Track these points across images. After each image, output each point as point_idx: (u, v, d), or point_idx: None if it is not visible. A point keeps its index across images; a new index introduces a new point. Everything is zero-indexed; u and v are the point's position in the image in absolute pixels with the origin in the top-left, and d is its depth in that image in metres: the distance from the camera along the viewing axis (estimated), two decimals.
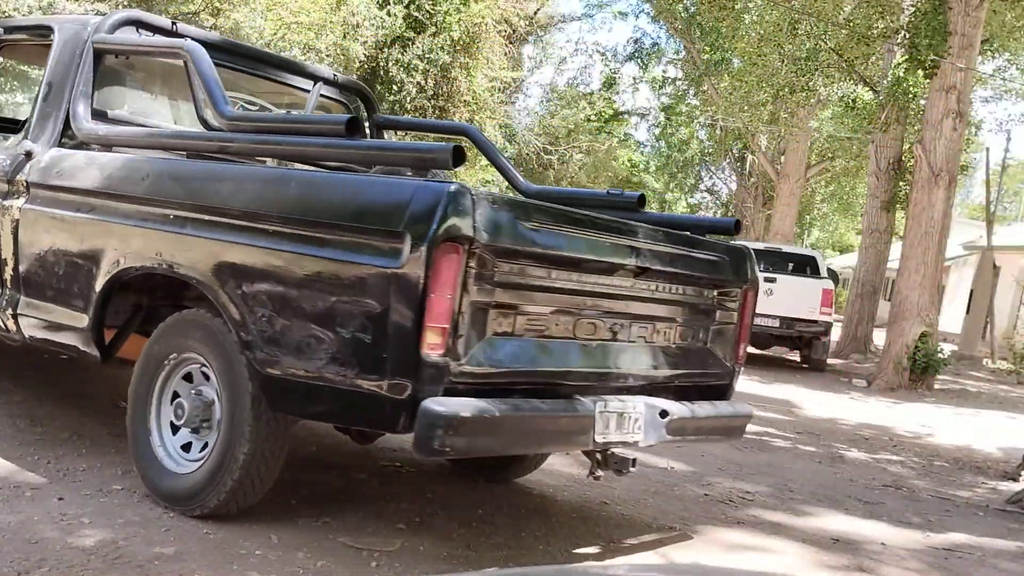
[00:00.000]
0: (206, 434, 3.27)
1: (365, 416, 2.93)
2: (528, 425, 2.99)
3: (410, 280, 2.69)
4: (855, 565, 3.91)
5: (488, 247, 2.79)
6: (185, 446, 3.35)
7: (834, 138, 20.13)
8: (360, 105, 5.26)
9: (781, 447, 6.65)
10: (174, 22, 4.26)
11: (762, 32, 15.42)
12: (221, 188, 3.28)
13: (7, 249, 3.88)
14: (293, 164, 4.29)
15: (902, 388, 11.36)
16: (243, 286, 3.04)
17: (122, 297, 3.62)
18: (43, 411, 4.46)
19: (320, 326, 2.86)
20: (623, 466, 3.39)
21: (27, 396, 4.69)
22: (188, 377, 3.36)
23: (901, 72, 13.15)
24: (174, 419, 3.34)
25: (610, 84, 34.12)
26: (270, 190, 3.19)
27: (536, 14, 27.37)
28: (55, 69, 3.96)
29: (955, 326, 20.75)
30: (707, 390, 3.84)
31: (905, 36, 12.77)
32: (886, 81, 14.43)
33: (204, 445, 3.27)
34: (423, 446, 2.71)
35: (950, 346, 16.37)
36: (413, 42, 18.32)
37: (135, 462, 3.44)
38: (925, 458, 6.96)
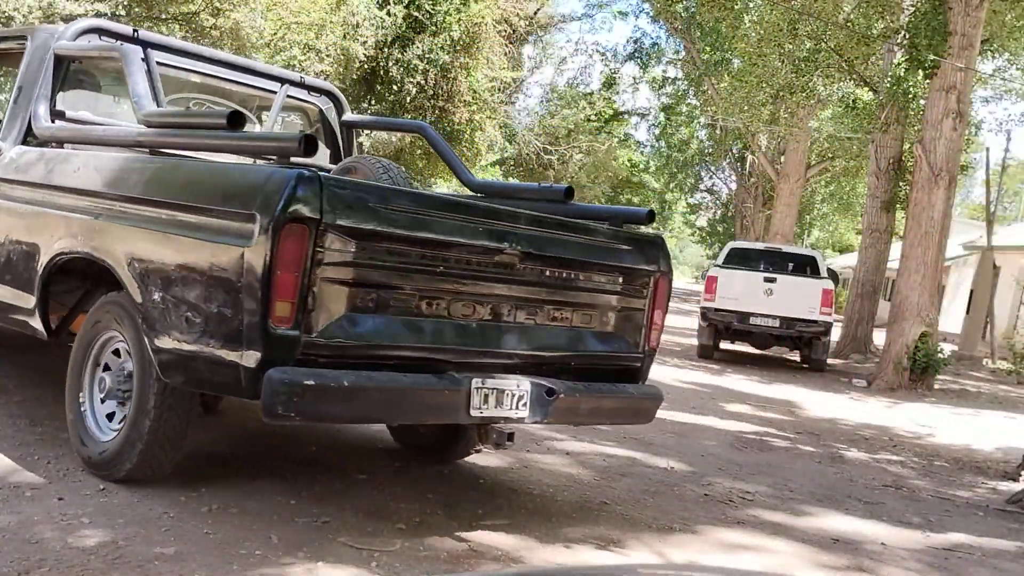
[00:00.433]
0: (126, 405, 3.51)
1: (227, 384, 3.11)
2: (384, 396, 3.14)
3: (260, 258, 2.91)
4: (855, 565, 3.91)
5: (338, 228, 2.99)
6: (110, 416, 3.61)
7: (834, 138, 20.13)
8: (331, 105, 5.49)
9: (781, 447, 6.65)
10: (136, 30, 4.53)
11: (762, 32, 15.41)
12: (120, 178, 3.59)
13: None
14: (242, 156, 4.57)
15: (902, 388, 11.35)
16: (140, 267, 3.32)
17: (66, 280, 3.90)
18: (43, 411, 4.46)
19: (195, 302, 3.12)
20: (500, 440, 3.49)
21: (27, 396, 4.70)
22: (118, 353, 3.60)
23: (901, 72, 13.15)
24: (99, 391, 3.61)
25: (610, 84, 34.12)
26: (154, 178, 3.48)
27: (536, 14, 27.38)
28: (24, 74, 4.29)
29: (955, 326, 20.75)
30: (616, 373, 3.98)
31: (905, 36, 12.77)
32: (886, 81, 14.42)
33: (124, 416, 3.51)
34: (268, 411, 2.93)
35: (950, 346, 16.37)
36: (413, 42, 18.32)
37: (69, 429, 3.68)
38: (925, 458, 6.95)
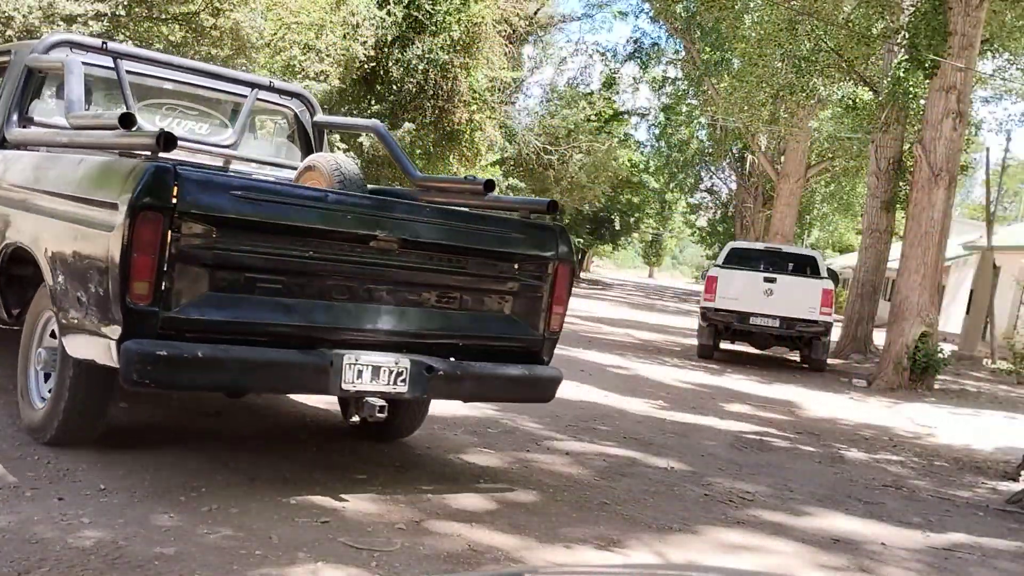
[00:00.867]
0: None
1: (102, 355, 3.41)
2: (244, 368, 3.42)
3: (119, 242, 3.23)
4: (855, 565, 3.91)
5: (194, 215, 3.30)
6: (50, 389, 3.96)
7: (834, 138, 20.12)
8: (304, 108, 5.74)
9: (781, 447, 6.65)
10: (104, 43, 4.93)
11: (762, 32, 15.40)
12: (37, 175, 4.09)
13: None
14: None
15: (902, 388, 11.35)
16: (49, 254, 3.69)
17: (23, 269, 4.18)
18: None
19: (81, 284, 3.45)
20: (370, 412, 3.67)
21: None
22: (54, 334, 3.91)
23: (901, 72, 13.14)
24: (39, 366, 3.97)
25: (610, 84, 34.12)
26: (56, 174, 3.94)
27: (536, 14, 27.38)
28: (4, 84, 4.71)
29: (955, 326, 20.75)
30: (515, 354, 4.19)
31: (905, 36, 12.76)
32: (886, 81, 14.42)
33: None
34: (125, 379, 3.27)
35: (950, 346, 16.37)
36: (413, 42, 18.31)
37: (19, 399, 4.10)
38: (925, 458, 6.95)
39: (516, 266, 4.15)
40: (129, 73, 4.89)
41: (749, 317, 12.28)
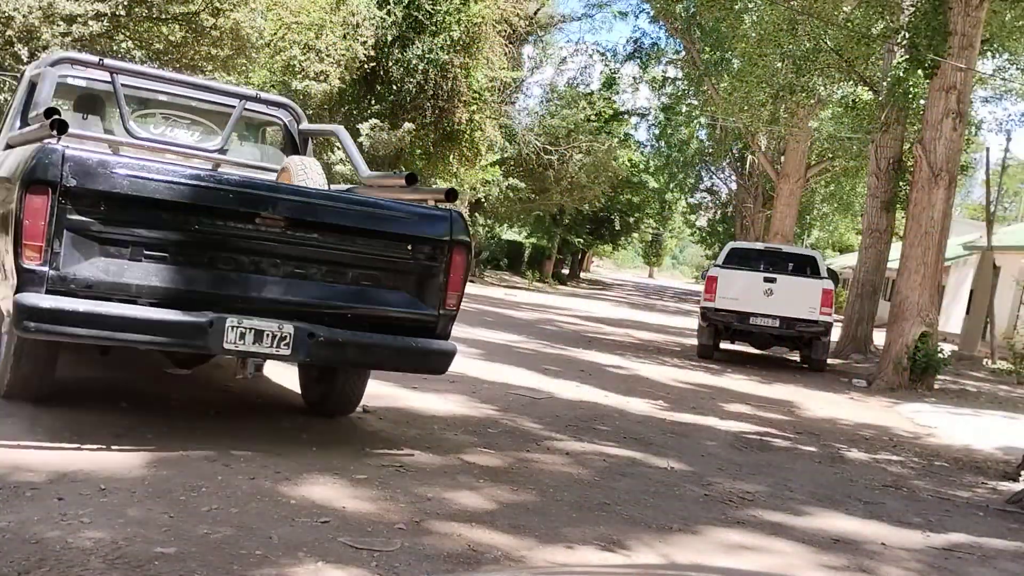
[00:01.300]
0: None
1: (9, 308, 3.84)
2: (123, 323, 3.85)
3: (16, 211, 3.75)
4: (855, 565, 3.91)
5: (81, 190, 3.78)
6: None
7: (834, 138, 20.09)
8: (292, 118, 6.13)
9: (781, 447, 6.65)
10: (101, 60, 5.48)
11: (762, 32, 15.39)
12: (4, 167, 4.39)
13: None
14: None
15: (902, 388, 11.34)
16: None
17: None
18: (43, 411, 4.46)
19: (4, 247, 3.93)
20: (251, 369, 4.27)
21: (26, 396, 4.69)
22: None
23: (901, 72, 13.14)
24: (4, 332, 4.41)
25: (610, 84, 34.12)
26: (4, 164, 4.33)
27: (536, 14, 27.37)
28: (14, 95, 5.23)
29: (955, 326, 20.74)
30: (408, 328, 4.49)
31: (905, 36, 12.76)
32: (886, 81, 14.41)
33: None
34: (17, 326, 3.75)
35: (950, 346, 16.36)
36: (413, 42, 18.30)
37: None
38: (925, 458, 6.95)
39: (409, 247, 4.49)
40: (126, 87, 5.40)
41: (749, 317, 12.28)
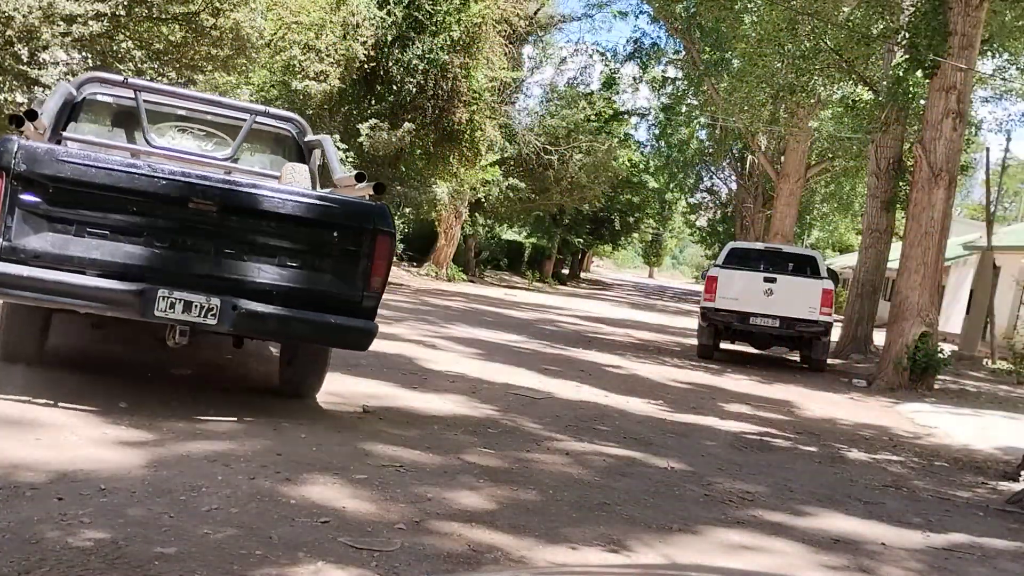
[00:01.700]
0: None
1: None
2: (62, 288, 4.39)
3: None
4: (855, 565, 3.90)
5: (31, 175, 4.33)
6: None
7: (834, 138, 20.09)
8: (300, 130, 6.56)
9: (781, 447, 6.65)
10: (126, 78, 6.20)
11: (762, 32, 15.37)
12: None
13: None
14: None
15: (902, 388, 11.34)
16: None
17: None
18: (43, 411, 4.47)
19: None
20: (176, 337, 4.72)
21: (27, 396, 4.70)
22: None
23: (901, 72, 13.13)
24: None
25: (610, 84, 34.11)
26: None
27: (536, 14, 27.36)
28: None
29: (955, 326, 20.73)
30: (333, 306, 4.86)
31: (905, 36, 12.75)
32: (886, 81, 14.41)
33: None
34: None
35: (950, 346, 16.35)
36: (413, 42, 18.30)
37: None
38: (925, 458, 6.95)
39: (335, 234, 4.89)
40: (148, 102, 5.99)
41: (749, 317, 12.27)
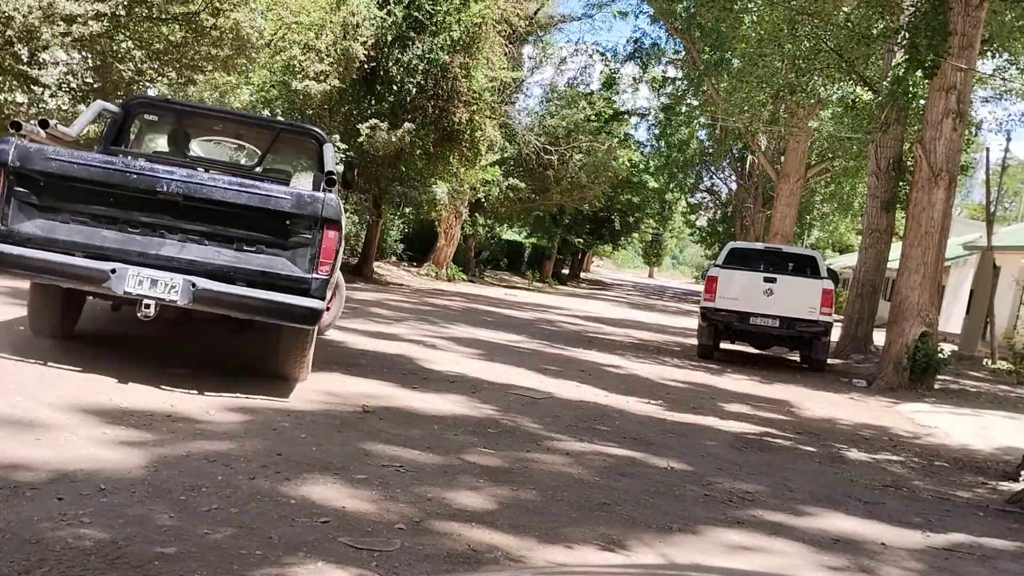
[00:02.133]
0: None
1: None
2: (46, 265, 5.09)
3: None
4: (855, 565, 3.91)
5: (26, 170, 5.10)
6: None
7: (834, 138, 20.09)
8: (318, 141, 7.04)
9: (781, 447, 6.65)
10: (167, 99, 7.73)
11: (762, 32, 15.38)
12: None
13: None
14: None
15: (902, 388, 11.34)
16: None
17: None
18: (43, 411, 4.47)
19: None
20: (144, 309, 5.20)
21: (26, 396, 4.70)
22: None
23: (901, 72, 13.13)
24: None
25: (610, 84, 34.12)
26: None
27: (536, 14, 27.36)
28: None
29: (955, 326, 20.73)
30: (286, 287, 5.37)
31: (905, 36, 12.75)
32: (886, 81, 14.41)
33: None
34: None
35: (950, 346, 16.35)
36: (413, 42, 18.30)
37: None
38: (925, 458, 6.95)
39: (287, 222, 5.36)
40: (187, 118, 7.00)
41: (749, 317, 12.27)
